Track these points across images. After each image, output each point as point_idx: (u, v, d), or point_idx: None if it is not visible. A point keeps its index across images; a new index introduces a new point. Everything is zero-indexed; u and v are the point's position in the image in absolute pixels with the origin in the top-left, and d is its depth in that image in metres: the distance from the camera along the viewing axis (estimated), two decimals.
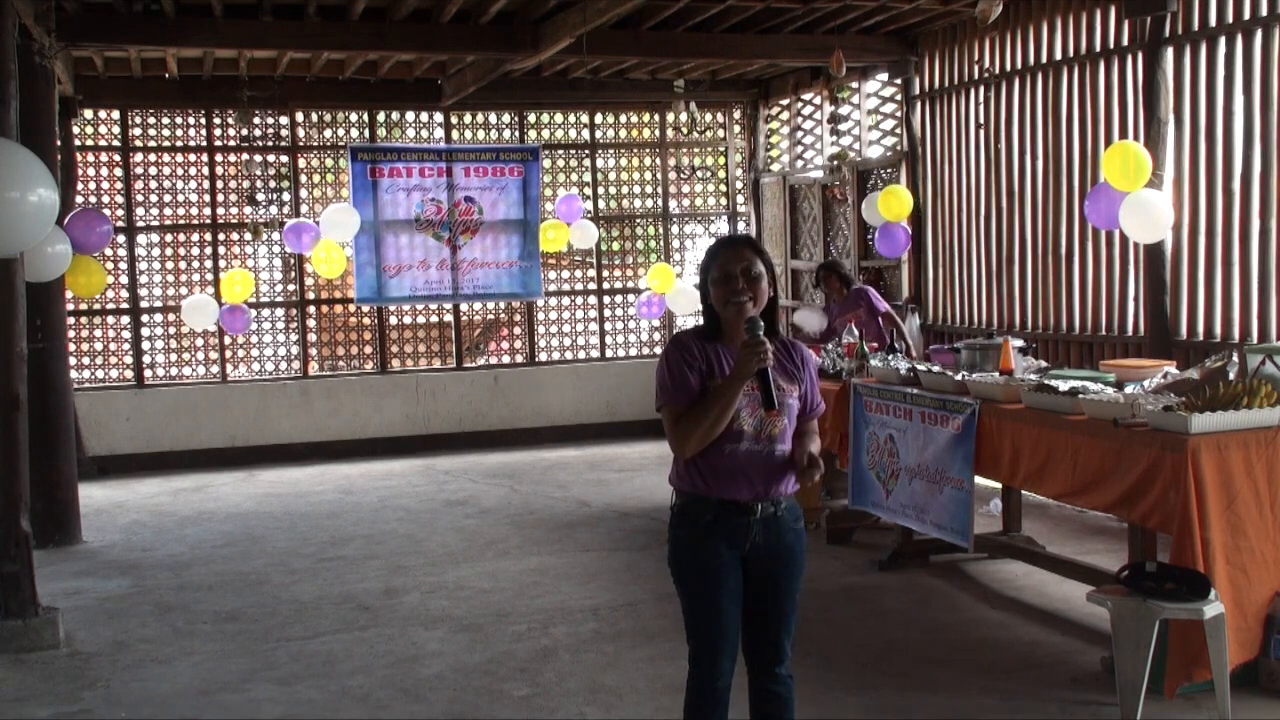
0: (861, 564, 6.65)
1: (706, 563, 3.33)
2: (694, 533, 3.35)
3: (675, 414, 3.30)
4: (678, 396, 3.31)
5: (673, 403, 3.31)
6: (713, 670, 3.34)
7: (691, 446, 3.27)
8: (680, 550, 3.39)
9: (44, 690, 5.07)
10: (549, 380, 11.77)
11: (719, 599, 3.33)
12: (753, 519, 3.34)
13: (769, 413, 3.30)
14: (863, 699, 4.66)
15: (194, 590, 6.59)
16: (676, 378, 3.32)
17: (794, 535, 3.43)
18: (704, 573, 3.34)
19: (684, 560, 3.38)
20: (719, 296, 3.37)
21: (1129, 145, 6.88)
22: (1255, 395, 4.56)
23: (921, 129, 9.62)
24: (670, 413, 3.32)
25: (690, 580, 3.38)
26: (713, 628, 3.34)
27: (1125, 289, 7.66)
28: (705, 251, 3.48)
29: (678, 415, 3.30)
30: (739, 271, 3.34)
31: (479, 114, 11.68)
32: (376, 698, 4.84)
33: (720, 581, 3.32)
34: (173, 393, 10.82)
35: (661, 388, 3.35)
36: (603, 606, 5.97)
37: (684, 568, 3.39)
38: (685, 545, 3.37)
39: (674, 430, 3.30)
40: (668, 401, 3.32)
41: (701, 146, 12.40)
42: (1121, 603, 4.24)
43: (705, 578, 3.34)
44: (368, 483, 9.71)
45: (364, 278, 11.16)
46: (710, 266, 3.41)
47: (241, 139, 11.01)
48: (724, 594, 3.33)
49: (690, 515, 3.36)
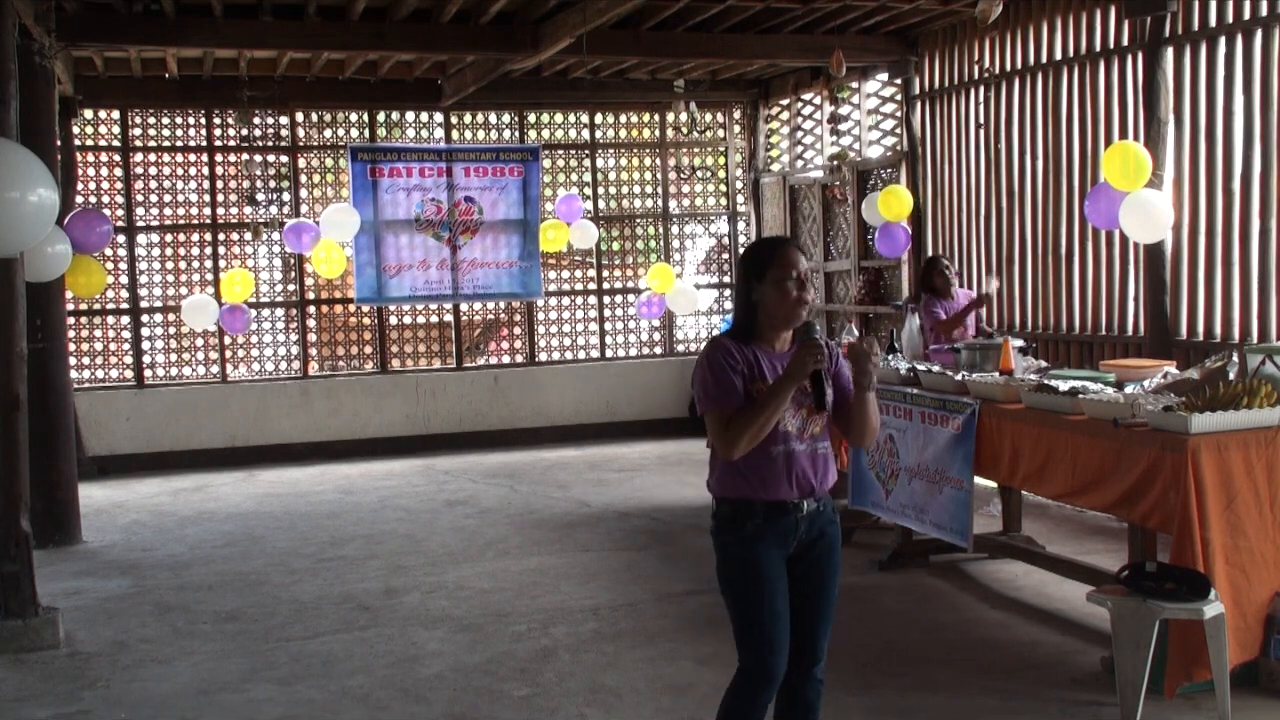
0: (861, 564, 6.65)
1: (760, 568, 3.31)
2: (743, 537, 3.32)
3: (724, 418, 3.27)
4: (725, 401, 3.28)
5: (720, 407, 3.28)
6: (769, 681, 3.30)
7: (741, 449, 3.25)
8: (731, 557, 3.35)
9: (44, 690, 5.07)
10: (549, 380, 11.77)
11: (776, 605, 3.31)
12: (799, 517, 3.34)
13: (819, 413, 3.35)
14: (863, 699, 4.66)
15: (194, 590, 6.59)
16: (723, 382, 3.29)
17: (834, 531, 3.44)
18: (757, 578, 3.30)
19: (736, 567, 3.34)
20: (778, 297, 3.33)
21: (1129, 145, 6.88)
22: (1255, 395, 4.55)
23: (921, 129, 9.62)
24: (718, 417, 3.29)
25: (743, 586, 3.33)
26: (770, 636, 3.29)
27: (1125, 289, 7.66)
28: (751, 252, 3.46)
29: (726, 419, 3.27)
30: (797, 274, 3.32)
31: (479, 114, 11.68)
32: (376, 698, 4.83)
33: (775, 587, 3.31)
34: (173, 393, 10.82)
35: (706, 393, 3.32)
36: (603, 606, 5.97)
37: (736, 574, 3.35)
38: (736, 551, 3.34)
39: (723, 434, 3.27)
40: (715, 406, 3.29)
41: (701, 146, 12.40)
42: (1121, 603, 4.24)
43: (759, 583, 3.30)
44: (368, 483, 9.71)
45: (364, 278, 11.16)
46: (768, 266, 3.35)
47: (241, 139, 11.02)
48: (779, 599, 3.31)
49: (739, 520, 3.34)
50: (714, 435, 3.30)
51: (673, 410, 11.91)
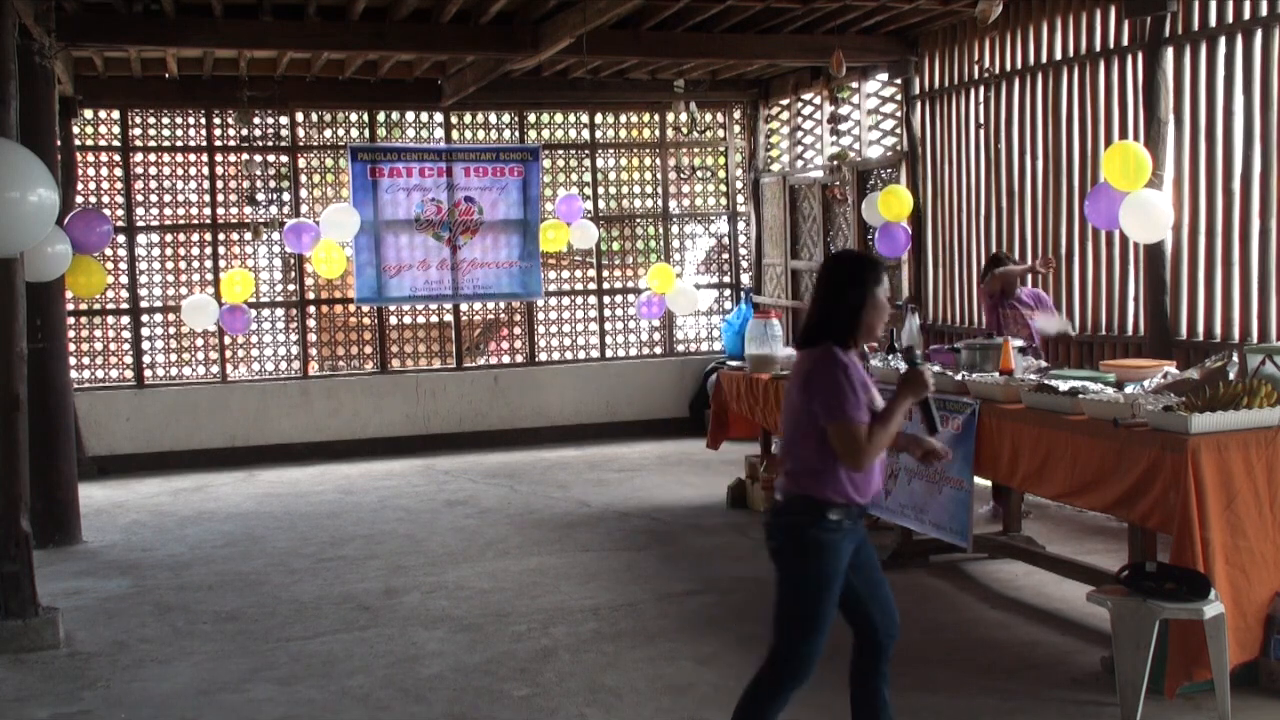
0: None
1: (840, 566, 3.60)
2: (838, 536, 3.58)
3: (858, 430, 3.51)
4: (859, 414, 3.52)
5: (856, 420, 3.51)
6: (808, 667, 3.58)
7: (873, 461, 3.57)
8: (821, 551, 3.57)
9: (44, 690, 5.07)
10: (549, 380, 11.77)
11: (836, 600, 3.62)
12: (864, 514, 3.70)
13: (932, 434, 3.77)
14: None
15: (194, 590, 6.59)
16: (857, 395, 3.53)
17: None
18: (836, 575, 3.59)
19: (821, 561, 3.57)
20: (877, 312, 3.61)
21: (1129, 145, 6.88)
22: (1255, 395, 4.56)
23: (921, 129, 9.61)
24: (854, 429, 3.50)
25: (823, 579, 3.57)
26: (825, 624, 3.58)
27: (1125, 289, 7.66)
28: (860, 265, 3.69)
29: (861, 434, 3.51)
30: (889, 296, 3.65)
31: (479, 114, 11.68)
32: (376, 698, 4.84)
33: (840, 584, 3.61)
34: (173, 393, 10.82)
35: (844, 403, 3.50)
36: (603, 606, 5.97)
37: (819, 568, 3.57)
38: (828, 546, 3.57)
39: (861, 447, 3.50)
40: (851, 418, 3.51)
41: (701, 146, 12.39)
42: (1121, 603, 4.24)
43: (835, 579, 3.59)
44: (368, 483, 9.71)
45: (364, 278, 11.16)
46: (877, 285, 3.62)
47: (241, 139, 11.02)
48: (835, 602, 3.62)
49: (839, 520, 3.58)
50: (848, 445, 3.50)
51: (673, 410, 11.91)
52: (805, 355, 3.68)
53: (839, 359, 3.55)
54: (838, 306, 3.61)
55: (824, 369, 3.54)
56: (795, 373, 3.71)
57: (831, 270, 3.71)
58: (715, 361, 11.82)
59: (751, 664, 5.06)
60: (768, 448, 8.23)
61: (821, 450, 3.56)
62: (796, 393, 3.64)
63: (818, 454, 3.58)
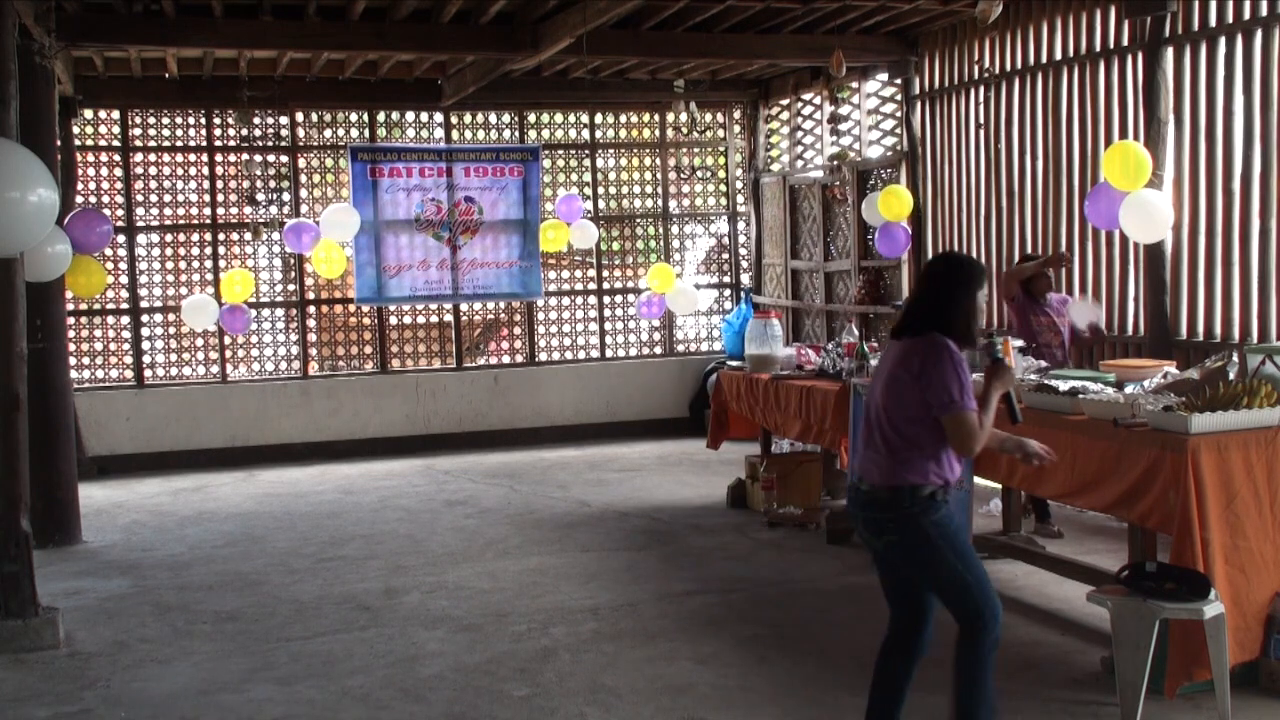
0: (861, 564, 6.64)
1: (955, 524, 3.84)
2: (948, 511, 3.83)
3: (973, 419, 3.73)
4: (973, 403, 3.74)
5: (972, 407, 3.73)
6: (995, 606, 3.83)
7: (980, 448, 3.79)
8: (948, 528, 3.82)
9: (44, 690, 5.07)
10: (549, 380, 11.77)
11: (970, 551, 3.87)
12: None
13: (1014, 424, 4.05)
14: (863, 699, 4.64)
15: (194, 590, 6.59)
16: (969, 385, 3.74)
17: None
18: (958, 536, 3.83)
19: (953, 535, 3.82)
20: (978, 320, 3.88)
21: (1129, 145, 6.88)
22: (1255, 395, 4.56)
23: (921, 129, 9.61)
24: (970, 418, 3.72)
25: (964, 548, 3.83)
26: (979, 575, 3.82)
27: (1125, 289, 7.66)
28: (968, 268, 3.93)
29: (973, 421, 3.73)
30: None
31: (479, 114, 11.68)
32: (376, 698, 4.84)
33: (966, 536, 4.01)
34: (173, 393, 10.82)
35: (962, 392, 3.71)
36: (603, 606, 5.97)
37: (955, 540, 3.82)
38: (950, 522, 3.83)
39: (974, 433, 3.73)
40: (965, 406, 3.71)
41: (701, 146, 12.40)
42: (1121, 603, 4.24)
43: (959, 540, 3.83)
44: (368, 483, 9.71)
45: (364, 278, 11.16)
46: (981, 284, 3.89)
47: (241, 139, 11.02)
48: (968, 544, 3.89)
49: (941, 499, 3.82)
50: (964, 433, 3.72)
51: (673, 410, 11.91)
52: (911, 345, 3.83)
53: (953, 351, 3.75)
54: (949, 306, 3.83)
55: (939, 359, 3.73)
56: (900, 362, 3.84)
57: (944, 271, 3.94)
58: (715, 361, 11.83)
59: (751, 664, 5.08)
60: (768, 448, 8.23)
61: (928, 437, 3.77)
62: (908, 381, 3.78)
63: (923, 441, 3.78)
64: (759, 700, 4.68)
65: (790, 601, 5.99)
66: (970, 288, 3.85)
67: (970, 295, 3.84)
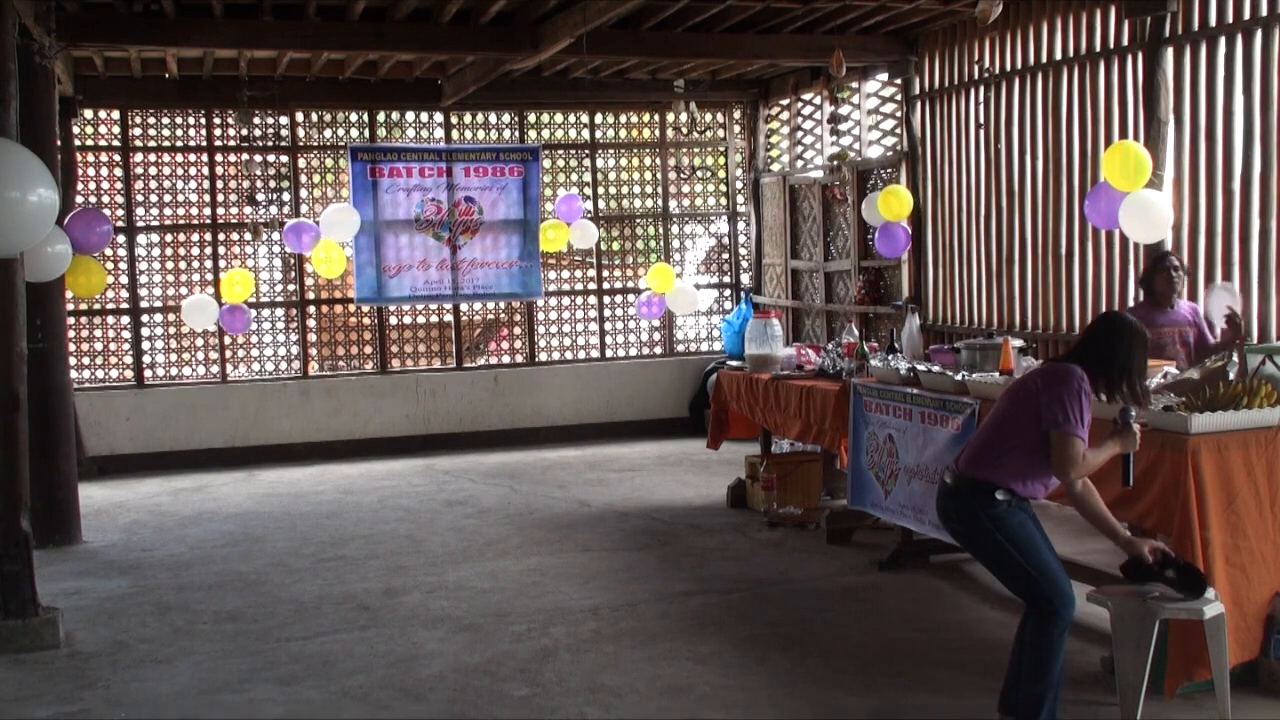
0: (861, 564, 6.65)
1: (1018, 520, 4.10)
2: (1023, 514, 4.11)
3: (1079, 446, 3.98)
4: (1084, 432, 3.99)
5: (1082, 435, 3.99)
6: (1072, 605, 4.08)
7: (1077, 477, 4.04)
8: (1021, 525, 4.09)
9: (44, 690, 5.07)
10: (549, 380, 11.77)
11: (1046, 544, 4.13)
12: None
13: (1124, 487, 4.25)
14: (863, 699, 4.66)
15: (194, 590, 6.59)
16: (1087, 416, 4.00)
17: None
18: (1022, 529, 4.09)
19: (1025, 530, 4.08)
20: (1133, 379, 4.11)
21: (1129, 145, 6.88)
22: (1255, 395, 4.56)
23: (921, 129, 9.61)
24: (1077, 444, 3.97)
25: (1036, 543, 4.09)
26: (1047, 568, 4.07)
27: (1125, 289, 7.65)
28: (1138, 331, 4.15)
29: (1080, 449, 3.97)
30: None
31: (479, 114, 11.68)
32: (376, 698, 4.84)
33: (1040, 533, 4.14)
34: (173, 393, 10.82)
35: (1077, 419, 3.97)
36: (603, 606, 5.97)
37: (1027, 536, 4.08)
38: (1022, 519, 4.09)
39: (1075, 460, 3.97)
40: (1075, 432, 3.97)
41: (701, 146, 12.40)
42: (1121, 603, 4.24)
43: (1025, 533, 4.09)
44: (368, 483, 9.71)
45: (364, 278, 11.16)
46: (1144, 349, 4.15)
47: (241, 139, 11.02)
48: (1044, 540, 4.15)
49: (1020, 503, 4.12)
50: (1066, 454, 3.97)
51: (673, 410, 11.92)
52: (1052, 365, 4.19)
53: (1083, 383, 4.02)
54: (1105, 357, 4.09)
55: (1068, 382, 4.01)
56: (1035, 374, 4.20)
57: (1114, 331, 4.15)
58: (715, 361, 11.83)
59: (751, 664, 5.09)
60: (768, 448, 8.23)
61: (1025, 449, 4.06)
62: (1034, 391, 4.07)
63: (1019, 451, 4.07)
64: (759, 700, 4.68)
65: (790, 601, 5.99)
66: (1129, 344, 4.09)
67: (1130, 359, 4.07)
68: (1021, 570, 4.09)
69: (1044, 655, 4.06)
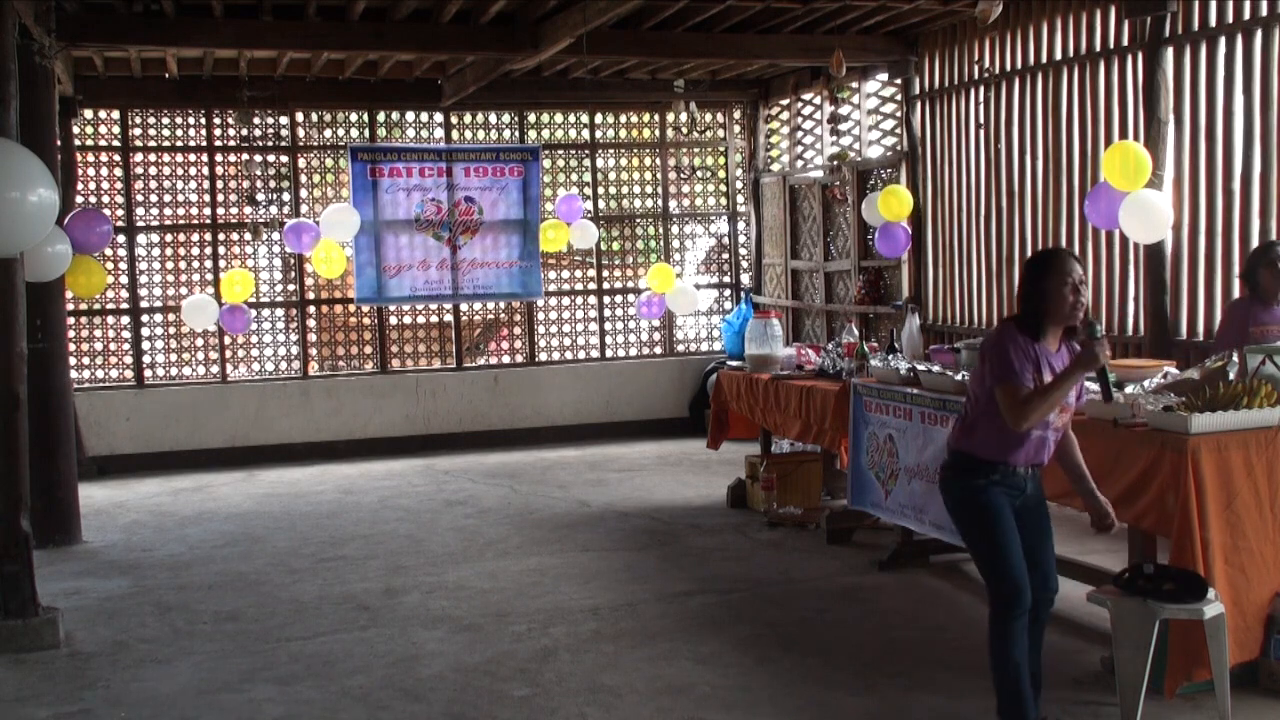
0: (861, 564, 6.65)
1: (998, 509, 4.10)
2: (983, 486, 4.12)
3: (1017, 393, 3.95)
4: (1018, 378, 3.97)
5: (1016, 382, 3.97)
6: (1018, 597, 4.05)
7: (1031, 423, 3.97)
8: (974, 501, 4.13)
9: (44, 690, 5.07)
10: (549, 380, 11.77)
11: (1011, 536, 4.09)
12: (1026, 478, 4.16)
13: (1105, 402, 4.19)
14: (863, 699, 4.66)
15: (194, 590, 6.59)
16: (1020, 363, 3.99)
17: (1040, 484, 4.25)
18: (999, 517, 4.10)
19: (977, 509, 4.13)
20: (1060, 300, 4.02)
21: (1129, 145, 6.88)
22: (1255, 395, 4.56)
23: (921, 129, 9.61)
24: (1013, 390, 3.96)
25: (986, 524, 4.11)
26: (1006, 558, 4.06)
27: (1125, 289, 7.66)
28: (1039, 261, 4.16)
29: (1019, 395, 3.94)
30: (1078, 280, 4.03)
31: (479, 114, 11.68)
32: (376, 698, 4.84)
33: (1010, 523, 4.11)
34: (173, 393, 10.82)
35: (1006, 369, 3.99)
36: (603, 606, 5.97)
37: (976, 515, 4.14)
38: (980, 497, 4.12)
39: (1016, 407, 3.94)
40: (1009, 380, 3.97)
41: (701, 146, 12.40)
42: (1121, 603, 4.24)
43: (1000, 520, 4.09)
44: (368, 483, 9.72)
45: (364, 278, 11.16)
46: (1049, 273, 4.05)
47: (241, 139, 11.02)
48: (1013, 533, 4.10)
49: (983, 473, 4.12)
50: (1006, 407, 3.97)
51: (673, 410, 11.92)
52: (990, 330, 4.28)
53: (1009, 334, 4.05)
54: (1024, 300, 4.10)
55: (996, 341, 4.07)
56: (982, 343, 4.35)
57: (1026, 272, 4.18)
58: (715, 361, 11.83)
59: (751, 664, 5.09)
60: (768, 448, 8.23)
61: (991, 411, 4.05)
62: (979, 355, 4.19)
63: (988, 413, 4.07)
64: (759, 700, 4.68)
65: (790, 601, 5.99)
66: (1041, 279, 4.06)
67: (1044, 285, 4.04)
68: (977, 551, 4.17)
69: (994, 649, 4.10)
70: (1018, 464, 4.11)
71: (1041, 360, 4.04)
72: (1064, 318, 4.05)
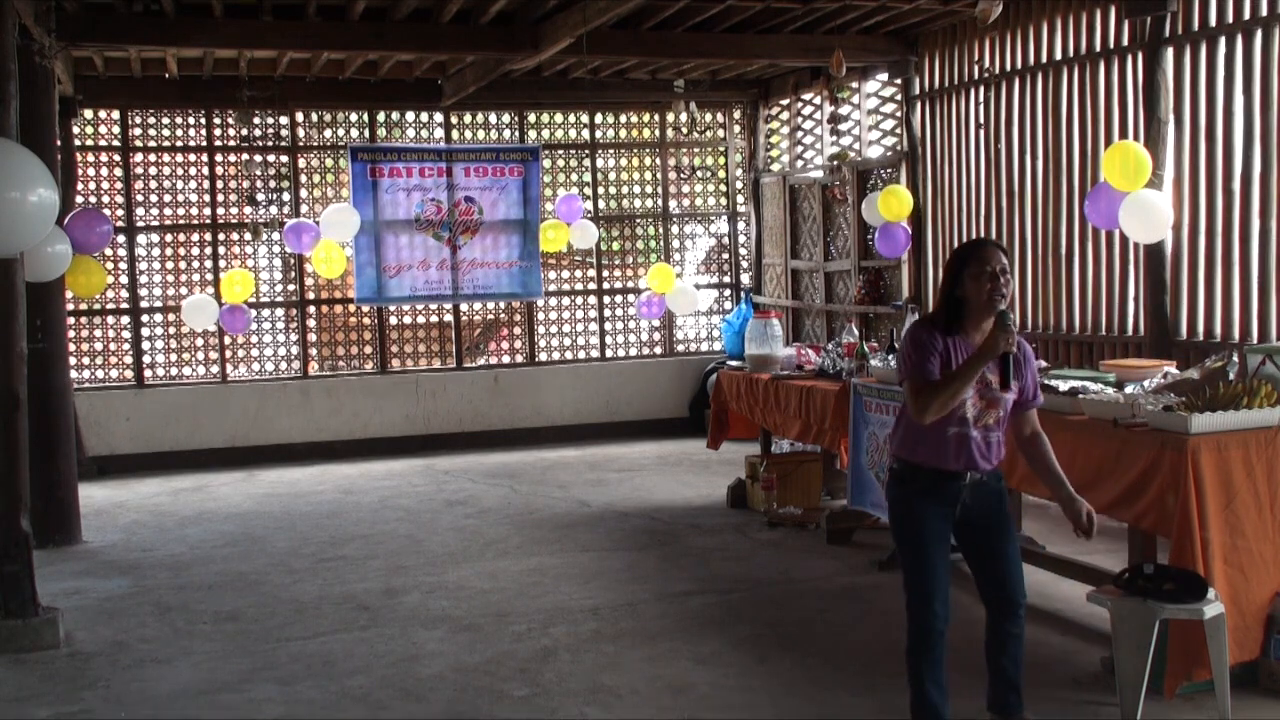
0: (861, 564, 6.65)
1: (921, 523, 3.96)
2: (909, 494, 4.01)
3: (917, 388, 3.88)
4: (921, 373, 3.89)
5: (917, 375, 3.90)
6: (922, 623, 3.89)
7: (930, 415, 3.85)
8: (899, 511, 4.03)
9: (44, 690, 5.07)
10: (549, 380, 11.78)
11: (932, 556, 3.93)
12: (962, 485, 3.97)
13: (1003, 390, 3.92)
14: (863, 699, 4.66)
15: (194, 590, 6.59)
16: (924, 358, 3.90)
17: (997, 496, 4.06)
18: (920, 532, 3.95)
19: (901, 520, 4.02)
20: (977, 289, 3.92)
21: (1129, 145, 6.88)
22: (1255, 395, 4.56)
23: (921, 129, 9.61)
24: (912, 386, 3.90)
25: (907, 537, 3.99)
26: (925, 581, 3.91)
27: (1125, 289, 7.66)
28: (959, 250, 4.05)
29: (919, 389, 3.87)
30: (998, 269, 3.91)
31: (479, 114, 11.68)
32: (376, 698, 4.84)
33: (933, 542, 3.94)
34: (173, 393, 10.82)
35: (908, 364, 3.94)
36: (603, 606, 5.97)
37: (901, 526, 4.02)
38: (903, 507, 4.02)
39: (915, 400, 3.87)
40: (911, 377, 3.91)
41: (701, 146, 12.40)
42: (1121, 603, 4.24)
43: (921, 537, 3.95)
44: (368, 483, 9.72)
45: (364, 278, 11.16)
46: (968, 262, 3.95)
47: (241, 139, 11.02)
48: (936, 553, 3.94)
49: (908, 479, 4.02)
50: (908, 398, 3.93)
51: (673, 410, 11.92)
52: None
53: (919, 329, 4.00)
54: (939, 293, 4.06)
55: (904, 340, 4.06)
56: None
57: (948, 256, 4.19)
58: (715, 361, 11.83)
59: (751, 664, 5.09)
60: (768, 448, 8.23)
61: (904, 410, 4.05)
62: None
63: (901, 415, 4.08)
64: (759, 700, 4.68)
65: (790, 601, 6.00)
66: (953, 271, 4.00)
67: (955, 278, 3.98)
68: (902, 566, 4.04)
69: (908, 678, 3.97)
70: (951, 468, 3.93)
71: (954, 354, 3.92)
72: (983, 307, 3.93)
